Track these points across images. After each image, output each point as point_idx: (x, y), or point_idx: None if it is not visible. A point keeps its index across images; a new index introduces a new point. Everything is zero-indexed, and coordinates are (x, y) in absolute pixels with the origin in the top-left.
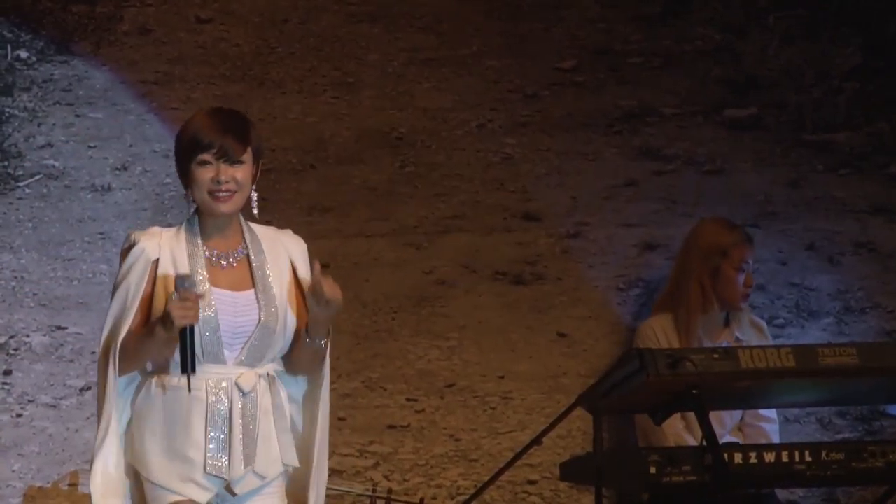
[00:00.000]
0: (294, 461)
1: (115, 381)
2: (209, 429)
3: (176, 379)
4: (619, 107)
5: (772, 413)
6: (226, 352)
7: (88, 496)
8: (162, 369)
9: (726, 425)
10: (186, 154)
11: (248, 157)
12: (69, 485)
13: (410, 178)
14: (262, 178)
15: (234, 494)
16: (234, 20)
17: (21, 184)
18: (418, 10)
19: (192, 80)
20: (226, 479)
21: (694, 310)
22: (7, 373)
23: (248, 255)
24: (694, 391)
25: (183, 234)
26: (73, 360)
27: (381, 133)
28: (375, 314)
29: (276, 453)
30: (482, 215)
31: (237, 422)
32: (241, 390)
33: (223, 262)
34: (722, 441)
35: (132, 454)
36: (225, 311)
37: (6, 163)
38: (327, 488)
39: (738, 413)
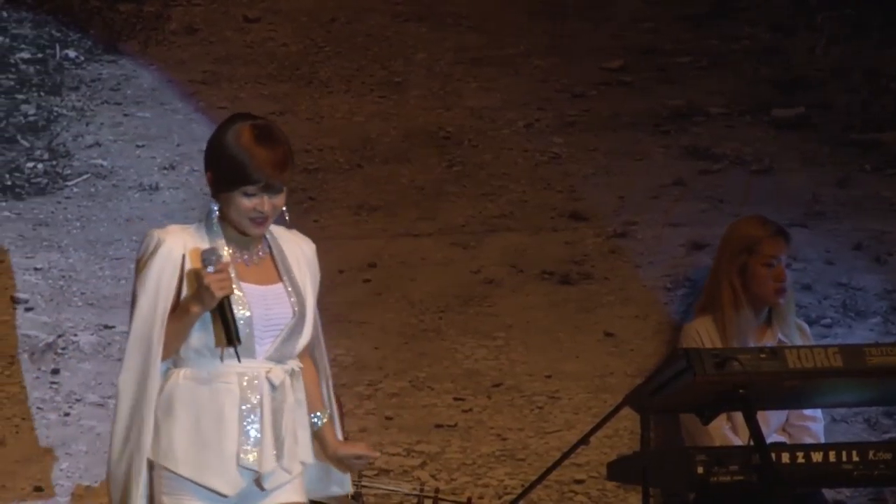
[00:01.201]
0: (309, 458)
1: (159, 370)
2: (243, 422)
3: (205, 371)
4: (666, 106)
5: (816, 412)
6: (256, 346)
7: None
8: (189, 362)
9: (771, 425)
10: (231, 179)
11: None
12: None
13: (458, 177)
14: (310, 177)
15: (262, 489)
16: (282, 19)
17: (69, 183)
18: (465, 10)
19: (239, 80)
20: (258, 472)
21: (727, 309)
22: (55, 372)
23: (270, 252)
24: (741, 391)
25: (204, 233)
26: (120, 358)
27: (429, 132)
28: (423, 313)
29: (299, 449)
30: (529, 215)
31: (267, 416)
32: (271, 384)
33: (246, 259)
34: (767, 441)
35: (156, 448)
36: (256, 304)
37: (54, 162)
38: (376, 487)
39: (783, 413)
